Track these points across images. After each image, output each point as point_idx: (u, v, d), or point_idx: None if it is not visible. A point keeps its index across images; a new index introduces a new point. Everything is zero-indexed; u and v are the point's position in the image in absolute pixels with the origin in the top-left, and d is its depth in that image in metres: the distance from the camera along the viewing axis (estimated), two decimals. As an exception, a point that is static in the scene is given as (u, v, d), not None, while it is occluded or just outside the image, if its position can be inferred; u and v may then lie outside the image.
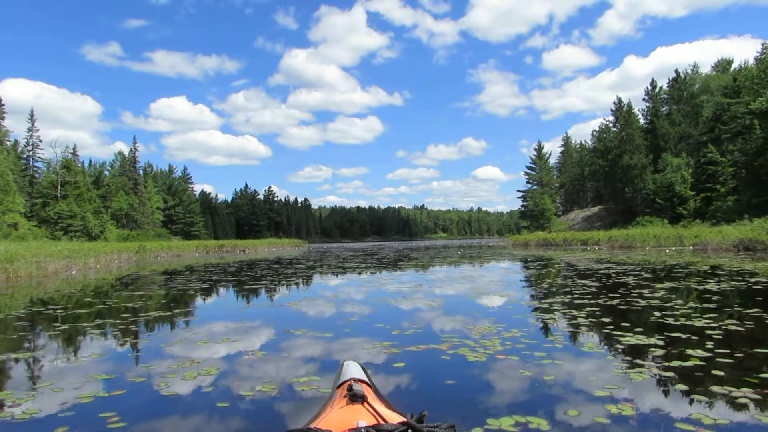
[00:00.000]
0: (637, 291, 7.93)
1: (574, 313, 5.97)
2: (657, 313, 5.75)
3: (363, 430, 1.16)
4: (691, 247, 24.72)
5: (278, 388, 3.32)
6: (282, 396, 3.18)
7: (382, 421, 1.39)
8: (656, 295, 7.42)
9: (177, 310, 7.41)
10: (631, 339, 4.45)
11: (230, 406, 3.00)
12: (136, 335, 5.46)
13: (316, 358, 4.21)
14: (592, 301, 6.90)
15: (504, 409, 2.83)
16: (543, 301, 7.20)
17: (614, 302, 6.81)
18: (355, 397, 1.58)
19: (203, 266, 20.04)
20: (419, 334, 5.09)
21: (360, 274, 14.74)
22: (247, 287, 11.04)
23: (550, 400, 2.98)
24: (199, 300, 8.78)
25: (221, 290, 10.53)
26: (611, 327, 5.04)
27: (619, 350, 4.15)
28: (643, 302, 6.70)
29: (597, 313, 5.96)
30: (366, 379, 1.94)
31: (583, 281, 9.80)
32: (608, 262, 16.10)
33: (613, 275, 10.96)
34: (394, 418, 1.48)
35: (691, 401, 2.91)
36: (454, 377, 3.51)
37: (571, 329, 5.03)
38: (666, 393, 3.09)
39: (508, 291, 9.30)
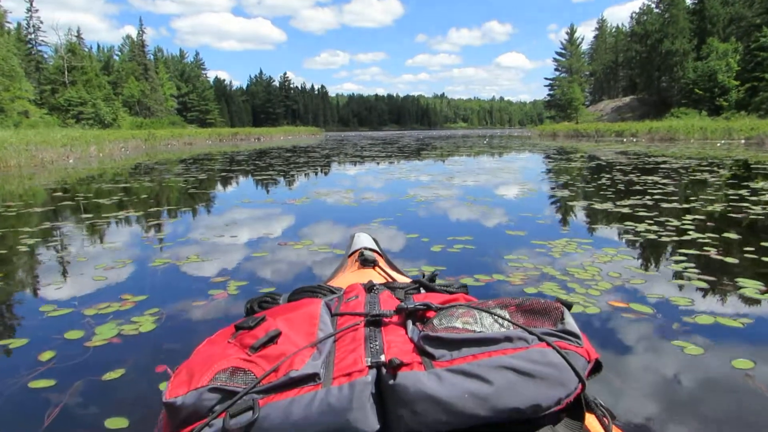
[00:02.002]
0: (733, 192, 6.26)
1: (675, 223, 4.38)
2: (798, 227, 4.13)
3: (375, 285, 0.98)
4: (742, 141, 22.45)
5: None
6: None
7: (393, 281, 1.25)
8: (764, 198, 5.75)
9: (151, 209, 5.95)
10: (806, 273, 2.88)
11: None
12: (62, 246, 4.04)
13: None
14: (685, 206, 5.29)
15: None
16: (618, 204, 5.57)
17: (717, 208, 5.19)
18: (366, 262, 1.52)
19: (212, 155, 18.59)
20: (470, 252, 3.56)
21: (379, 164, 13.14)
22: (250, 179, 9.57)
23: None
24: (183, 196, 7.29)
25: (218, 183, 9.05)
26: (752, 250, 3.44)
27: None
28: (757, 208, 5.07)
29: (709, 224, 4.36)
30: (377, 248, 1.78)
31: (650, 177, 8.10)
32: (660, 155, 14.22)
33: (682, 171, 9.21)
34: (406, 280, 1.36)
35: None
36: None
37: (696, 252, 3.42)
38: None
39: (563, 189, 7.42)
